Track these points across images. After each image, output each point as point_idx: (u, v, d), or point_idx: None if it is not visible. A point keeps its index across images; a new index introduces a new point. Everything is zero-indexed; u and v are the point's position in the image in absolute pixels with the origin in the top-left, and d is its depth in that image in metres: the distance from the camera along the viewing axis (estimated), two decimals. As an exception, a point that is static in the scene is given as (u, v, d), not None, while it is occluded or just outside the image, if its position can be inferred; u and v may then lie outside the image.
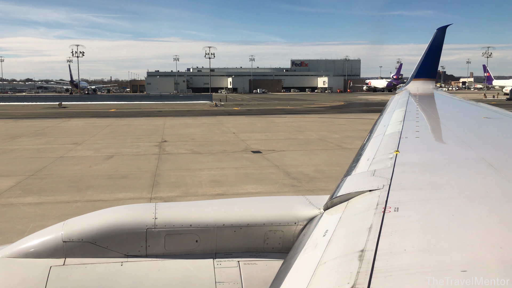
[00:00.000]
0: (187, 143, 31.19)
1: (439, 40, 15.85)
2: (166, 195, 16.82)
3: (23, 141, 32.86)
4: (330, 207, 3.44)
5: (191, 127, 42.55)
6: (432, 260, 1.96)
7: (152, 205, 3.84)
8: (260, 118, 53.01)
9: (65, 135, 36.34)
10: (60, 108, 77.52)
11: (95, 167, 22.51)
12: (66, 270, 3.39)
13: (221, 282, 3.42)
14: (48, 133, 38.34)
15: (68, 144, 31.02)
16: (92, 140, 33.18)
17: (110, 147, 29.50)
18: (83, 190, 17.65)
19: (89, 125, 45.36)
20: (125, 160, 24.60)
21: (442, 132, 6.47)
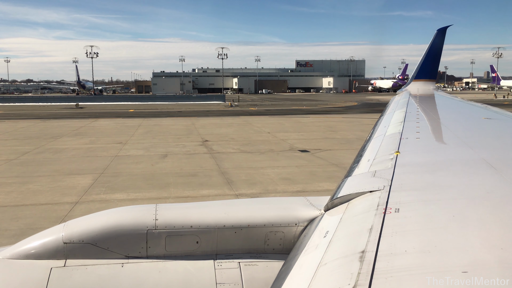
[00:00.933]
0: (229, 142, 31.86)
1: (439, 41, 15.89)
2: (249, 192, 17.52)
3: (66, 140, 33.48)
4: (330, 208, 3.44)
5: (222, 127, 43.23)
6: (432, 261, 1.96)
7: (152, 206, 3.86)
8: (285, 118, 53.72)
9: (104, 135, 37.00)
10: (77, 108, 78.12)
11: (158, 165, 23.19)
12: (67, 272, 3.40)
13: (221, 283, 3.43)
14: (85, 133, 38.99)
15: (113, 143, 31.69)
16: (134, 139, 33.83)
17: (156, 146, 30.15)
18: (164, 187, 18.34)
19: (120, 125, 45.99)
20: (181, 159, 25.27)
21: (443, 133, 6.46)
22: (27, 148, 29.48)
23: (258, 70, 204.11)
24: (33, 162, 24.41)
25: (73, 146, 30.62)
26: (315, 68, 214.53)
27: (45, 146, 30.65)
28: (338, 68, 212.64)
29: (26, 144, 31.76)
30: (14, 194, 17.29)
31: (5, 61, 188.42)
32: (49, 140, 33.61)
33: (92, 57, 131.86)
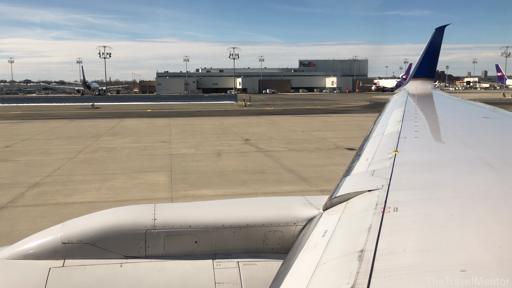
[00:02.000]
0: (271, 141, 32.54)
1: (438, 40, 15.98)
2: (330, 188, 18.22)
3: (109, 140, 34.06)
4: (329, 207, 3.45)
5: (252, 127, 43.88)
6: (431, 260, 1.97)
7: (151, 206, 3.87)
8: (309, 117, 54.43)
9: (142, 134, 37.60)
10: (93, 108, 78.56)
11: (219, 163, 23.87)
12: (66, 272, 3.40)
13: (220, 283, 3.44)
14: (121, 132, 39.57)
15: (158, 142, 32.32)
16: (176, 139, 34.45)
17: (203, 145, 30.79)
18: (244, 184, 19.04)
19: (150, 125, 46.57)
20: (236, 157, 25.96)
21: (441, 132, 6.46)
22: (77, 147, 30.06)
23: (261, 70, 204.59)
24: (95, 161, 25.03)
25: (120, 145, 31.22)
26: (318, 68, 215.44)
27: (93, 145, 31.24)
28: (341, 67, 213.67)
29: (72, 143, 32.33)
30: (103, 191, 17.95)
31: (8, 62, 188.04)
32: (92, 140, 34.18)
33: (105, 57, 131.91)
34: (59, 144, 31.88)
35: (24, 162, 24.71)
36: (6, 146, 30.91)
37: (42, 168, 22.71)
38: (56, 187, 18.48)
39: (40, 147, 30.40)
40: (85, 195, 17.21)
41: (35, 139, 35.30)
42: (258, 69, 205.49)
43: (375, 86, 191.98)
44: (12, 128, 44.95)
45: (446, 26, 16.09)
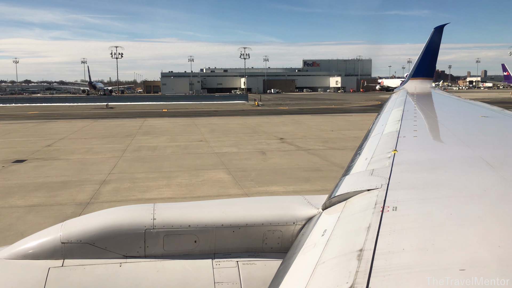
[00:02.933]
0: (306, 140, 33.05)
1: (437, 39, 15.95)
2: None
3: (145, 139, 34.48)
4: (328, 207, 3.45)
5: (279, 126, 44.37)
6: (430, 259, 1.97)
7: (150, 205, 3.87)
8: (330, 117, 54.93)
9: (175, 134, 38.09)
10: (108, 108, 78.97)
11: (270, 161, 24.36)
12: (65, 272, 3.40)
13: (220, 283, 3.45)
14: (152, 132, 40.01)
15: (195, 141, 32.79)
16: (210, 137, 34.91)
17: (241, 144, 31.25)
18: (308, 181, 19.54)
19: (176, 124, 47.04)
20: (282, 155, 26.43)
21: (440, 131, 6.46)
22: (118, 146, 30.52)
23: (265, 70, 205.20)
24: (145, 159, 25.47)
25: (159, 144, 31.66)
26: (322, 68, 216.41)
27: (132, 144, 31.68)
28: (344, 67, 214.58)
29: (110, 142, 32.77)
30: (174, 187, 18.43)
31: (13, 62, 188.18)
32: (128, 139, 34.63)
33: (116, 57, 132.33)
34: (99, 143, 32.30)
35: (76, 161, 25.16)
36: (48, 145, 31.34)
37: (99, 166, 23.17)
38: (126, 184, 18.96)
39: (82, 146, 30.83)
40: (160, 192, 17.69)
41: (71, 138, 35.73)
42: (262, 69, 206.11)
43: (379, 86, 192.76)
44: (41, 127, 45.36)
45: (445, 25, 16.14)
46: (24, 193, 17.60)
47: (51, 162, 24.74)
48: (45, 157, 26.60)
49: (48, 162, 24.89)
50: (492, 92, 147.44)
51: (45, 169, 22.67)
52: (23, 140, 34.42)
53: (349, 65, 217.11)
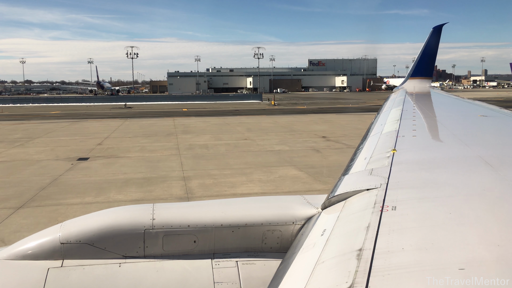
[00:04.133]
0: (349, 138, 33.66)
1: (435, 39, 15.99)
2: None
3: (188, 137, 35.07)
4: (327, 207, 3.45)
5: (312, 124, 45.05)
6: (430, 258, 1.98)
7: (149, 206, 3.88)
8: (356, 116, 55.62)
9: (214, 132, 38.73)
10: (127, 108, 79.53)
11: (331, 158, 25.05)
12: (64, 272, 3.40)
13: (219, 282, 3.45)
14: (191, 130, 40.65)
15: (240, 140, 33.46)
16: (253, 136, 35.56)
17: (287, 142, 31.93)
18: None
19: (209, 124, 47.61)
20: (338, 153, 27.08)
21: (439, 130, 6.49)
22: (168, 144, 31.15)
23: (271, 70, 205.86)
24: (205, 156, 26.09)
25: (207, 142, 32.28)
26: (328, 67, 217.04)
27: (181, 142, 32.30)
28: (350, 67, 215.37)
29: (157, 141, 33.38)
30: (257, 183, 19.09)
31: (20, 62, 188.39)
32: (171, 137, 35.28)
33: (132, 57, 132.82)
34: (147, 142, 32.89)
35: (139, 158, 25.78)
36: (99, 144, 31.97)
37: (166, 164, 23.81)
38: (208, 180, 19.61)
39: (132, 145, 31.43)
40: (248, 187, 18.36)
41: (115, 137, 36.29)
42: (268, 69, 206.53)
43: (385, 85, 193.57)
44: (76, 127, 45.95)
45: (444, 25, 16.22)
46: (117, 189, 18.26)
47: (116, 160, 25.37)
48: (105, 155, 27.22)
49: (113, 159, 25.53)
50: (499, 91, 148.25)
51: (116, 166, 23.30)
52: (69, 139, 35.01)
53: (354, 65, 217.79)
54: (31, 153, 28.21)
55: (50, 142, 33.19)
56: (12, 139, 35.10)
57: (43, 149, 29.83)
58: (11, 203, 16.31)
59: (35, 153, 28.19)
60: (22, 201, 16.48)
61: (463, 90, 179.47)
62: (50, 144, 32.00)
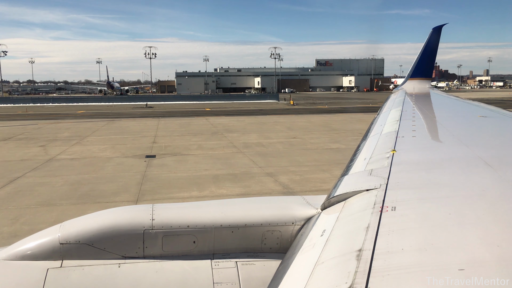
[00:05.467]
0: (395, 136, 34.44)
1: (435, 40, 16.03)
2: None
3: (234, 136, 35.77)
4: (327, 207, 3.45)
5: (347, 123, 45.80)
6: (429, 259, 1.99)
7: (149, 206, 3.87)
8: (384, 115, 56.38)
9: (257, 131, 39.45)
10: (148, 108, 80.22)
11: (394, 155, 25.77)
12: (64, 272, 3.40)
13: (219, 283, 3.45)
14: (232, 130, 41.29)
15: (290, 138, 34.19)
16: (298, 134, 36.28)
17: (340, 140, 32.75)
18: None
19: (244, 123, 48.25)
20: (396, 150, 27.83)
21: (439, 131, 6.47)
22: (221, 143, 31.82)
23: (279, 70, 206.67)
24: (270, 154, 26.82)
25: (260, 141, 32.98)
26: (335, 67, 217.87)
27: (233, 141, 32.98)
28: (357, 67, 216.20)
29: (208, 139, 34.06)
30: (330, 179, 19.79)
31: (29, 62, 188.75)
32: (218, 135, 36.02)
33: (150, 57, 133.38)
34: (199, 140, 33.54)
35: (207, 156, 26.49)
36: (153, 142, 32.68)
37: (238, 161, 24.54)
38: (295, 177, 20.32)
39: (187, 143, 32.08)
40: (338, 182, 19.07)
41: (163, 135, 36.93)
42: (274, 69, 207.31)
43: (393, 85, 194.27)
44: (117, 126, 46.63)
45: (444, 25, 16.25)
46: (213, 184, 18.98)
47: (184, 157, 26.08)
48: (168, 152, 27.92)
49: (181, 157, 26.23)
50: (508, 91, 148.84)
51: (190, 163, 24.01)
52: (120, 138, 35.65)
53: (361, 65, 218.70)
54: (94, 150, 28.91)
55: (104, 141, 33.85)
56: (64, 138, 35.80)
57: (103, 147, 30.52)
58: (124, 196, 17.04)
59: (98, 150, 28.90)
60: (133, 195, 17.21)
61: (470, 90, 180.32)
62: (106, 142, 32.68)
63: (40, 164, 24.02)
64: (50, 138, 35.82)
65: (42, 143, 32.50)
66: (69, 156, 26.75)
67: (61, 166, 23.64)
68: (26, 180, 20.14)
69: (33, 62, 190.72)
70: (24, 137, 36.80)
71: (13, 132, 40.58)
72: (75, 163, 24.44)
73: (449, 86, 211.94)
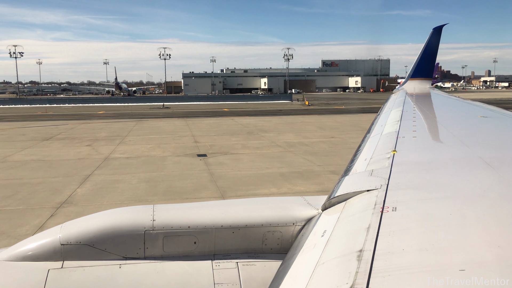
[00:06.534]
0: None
1: (435, 40, 16.12)
2: None
3: (273, 136, 36.24)
4: (328, 208, 3.46)
5: (375, 123, 46.29)
6: (430, 259, 1.99)
7: (150, 207, 3.88)
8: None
9: (290, 131, 39.91)
10: (165, 108, 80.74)
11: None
12: (64, 273, 3.41)
13: (220, 284, 3.46)
14: (265, 129, 41.79)
15: (327, 138, 34.69)
16: (335, 134, 36.81)
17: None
18: None
19: (272, 123, 48.73)
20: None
21: (439, 131, 6.49)
22: (263, 142, 32.33)
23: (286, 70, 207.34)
24: (319, 153, 27.25)
25: (300, 140, 33.49)
26: (340, 68, 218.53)
27: (274, 140, 33.48)
28: (363, 67, 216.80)
29: (246, 139, 34.58)
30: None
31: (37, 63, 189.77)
32: (254, 135, 36.52)
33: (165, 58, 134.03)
34: (239, 139, 34.04)
35: (257, 154, 27.00)
36: (195, 142, 33.15)
37: (291, 159, 25.04)
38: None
39: (229, 143, 32.55)
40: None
41: (201, 135, 37.40)
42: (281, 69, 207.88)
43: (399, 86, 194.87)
44: (148, 126, 47.14)
45: (444, 26, 16.33)
46: (287, 181, 19.47)
47: (237, 156, 26.57)
48: (217, 151, 28.39)
49: (232, 156, 26.72)
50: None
51: (246, 162, 24.51)
52: (159, 137, 36.10)
53: (367, 65, 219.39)
54: (143, 150, 29.40)
55: (146, 140, 34.31)
56: (104, 138, 36.29)
57: (149, 146, 31.02)
58: (207, 193, 17.55)
59: (147, 150, 29.39)
60: (214, 191, 17.72)
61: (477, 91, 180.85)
62: (149, 142, 33.15)
63: (100, 163, 24.51)
64: (90, 137, 36.31)
65: (87, 143, 32.99)
66: (123, 155, 27.22)
67: (122, 164, 24.13)
68: (98, 178, 20.64)
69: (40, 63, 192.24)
70: (64, 137, 37.30)
71: (50, 132, 41.08)
72: (133, 162, 24.93)
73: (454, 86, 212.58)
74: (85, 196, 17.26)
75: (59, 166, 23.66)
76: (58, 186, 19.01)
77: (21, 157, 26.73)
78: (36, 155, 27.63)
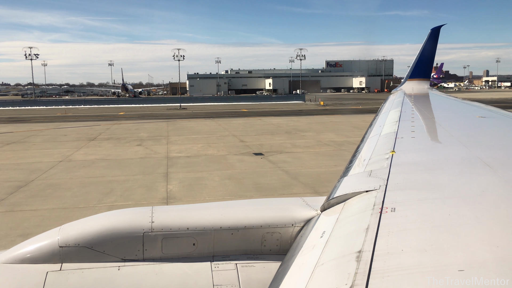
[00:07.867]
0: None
1: (433, 41, 16.17)
2: None
3: (312, 135, 36.85)
4: (327, 208, 3.47)
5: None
6: (429, 260, 1.99)
7: (148, 208, 3.88)
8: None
9: (331, 130, 40.55)
10: (182, 109, 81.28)
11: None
12: (63, 275, 3.41)
13: (219, 285, 3.46)
14: (302, 129, 42.37)
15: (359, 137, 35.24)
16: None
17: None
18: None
19: (302, 122, 49.35)
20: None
21: (438, 132, 6.49)
22: (310, 141, 32.91)
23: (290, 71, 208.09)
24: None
25: (345, 139, 34.11)
26: (344, 68, 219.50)
27: (320, 139, 34.09)
28: (367, 68, 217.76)
29: (288, 138, 35.19)
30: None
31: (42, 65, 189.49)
32: (293, 134, 37.14)
33: (179, 59, 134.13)
34: (283, 139, 34.62)
35: (311, 153, 27.60)
36: (241, 141, 33.68)
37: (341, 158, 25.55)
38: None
39: (275, 142, 33.09)
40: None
41: (242, 135, 37.92)
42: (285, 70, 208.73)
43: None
44: (179, 126, 47.57)
45: (442, 26, 16.38)
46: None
47: (293, 154, 27.12)
48: (271, 150, 28.90)
49: (288, 154, 27.26)
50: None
51: (306, 160, 25.09)
52: (201, 137, 36.55)
53: (371, 66, 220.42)
54: (197, 149, 29.87)
55: (192, 140, 34.74)
56: (147, 138, 36.76)
57: (200, 145, 31.51)
58: (297, 189, 18.10)
59: (201, 149, 29.88)
60: (304, 187, 18.26)
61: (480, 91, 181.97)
62: (196, 142, 33.59)
63: (166, 161, 25.01)
64: (133, 137, 36.81)
65: (136, 143, 33.48)
66: (181, 154, 27.70)
67: (189, 163, 24.60)
68: (177, 175, 21.11)
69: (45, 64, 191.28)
70: (107, 137, 37.74)
71: (88, 132, 41.57)
72: (198, 160, 25.42)
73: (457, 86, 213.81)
74: (181, 193, 17.78)
75: (129, 165, 24.14)
76: (146, 183, 19.50)
77: (84, 157, 27.17)
78: (96, 154, 28.10)
